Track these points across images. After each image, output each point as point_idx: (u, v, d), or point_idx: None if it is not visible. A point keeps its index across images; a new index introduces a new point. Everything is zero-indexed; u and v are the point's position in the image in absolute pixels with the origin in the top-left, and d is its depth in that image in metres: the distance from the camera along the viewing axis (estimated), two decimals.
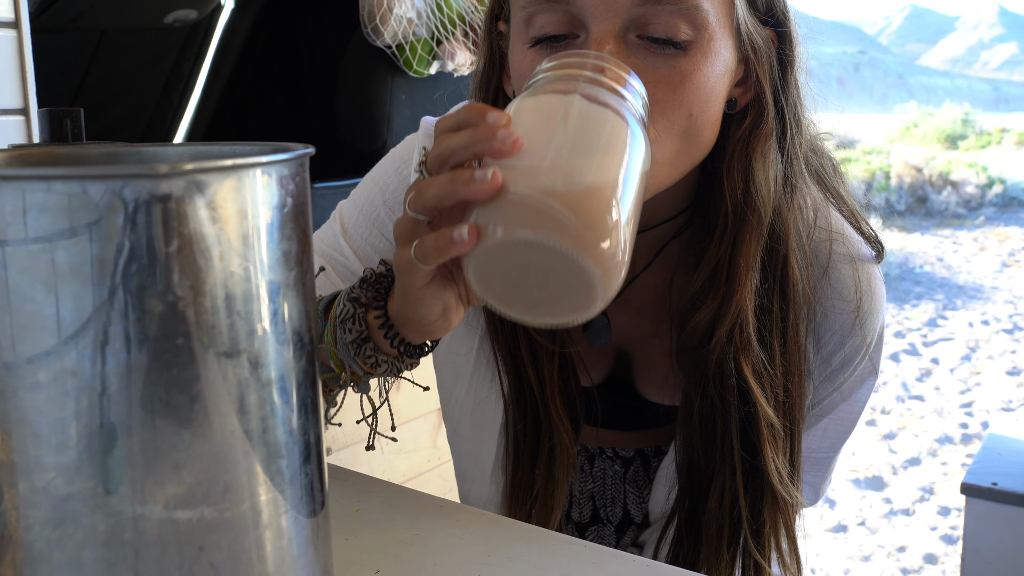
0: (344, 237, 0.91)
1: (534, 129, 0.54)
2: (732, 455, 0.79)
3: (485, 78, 0.83)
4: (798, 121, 0.78)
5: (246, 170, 0.41)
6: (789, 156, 0.78)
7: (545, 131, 0.53)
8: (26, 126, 1.33)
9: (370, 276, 0.69)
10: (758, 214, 0.76)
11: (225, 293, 0.40)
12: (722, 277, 0.77)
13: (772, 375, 0.78)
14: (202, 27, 2.47)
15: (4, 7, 1.30)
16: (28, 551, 0.41)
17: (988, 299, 7.09)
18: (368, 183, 0.93)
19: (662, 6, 0.67)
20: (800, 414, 0.81)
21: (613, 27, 0.68)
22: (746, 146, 0.76)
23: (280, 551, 0.45)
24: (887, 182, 11.04)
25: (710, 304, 0.77)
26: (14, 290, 0.38)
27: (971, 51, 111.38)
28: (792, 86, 0.77)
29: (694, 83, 0.70)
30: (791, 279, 0.78)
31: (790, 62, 0.76)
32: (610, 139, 0.54)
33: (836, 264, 0.81)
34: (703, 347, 0.78)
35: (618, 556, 0.67)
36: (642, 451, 0.91)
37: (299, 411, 0.45)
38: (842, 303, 0.81)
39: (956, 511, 3.49)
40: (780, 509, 0.81)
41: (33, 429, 0.40)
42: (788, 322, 0.79)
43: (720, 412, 0.79)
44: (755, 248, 0.76)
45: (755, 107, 0.76)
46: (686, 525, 0.83)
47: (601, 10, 0.68)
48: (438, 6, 2.04)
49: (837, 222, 0.83)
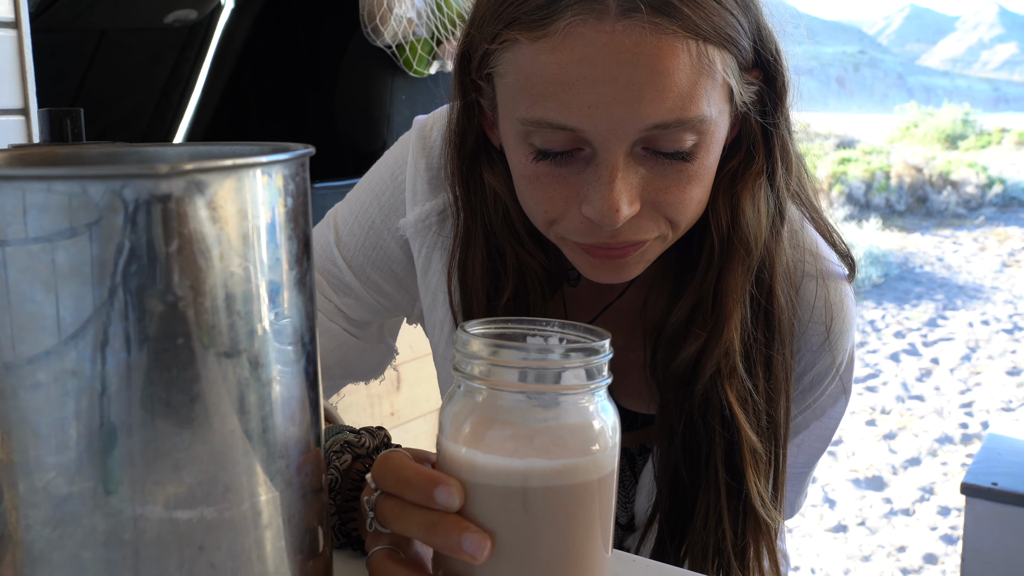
0: (338, 245, 0.90)
1: (493, 519, 0.50)
2: (716, 478, 0.79)
3: (461, 134, 0.79)
4: (788, 156, 0.77)
5: (246, 170, 0.41)
6: (779, 191, 0.77)
7: (507, 521, 0.50)
8: (26, 126, 1.33)
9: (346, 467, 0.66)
10: (747, 246, 0.76)
11: (225, 293, 0.40)
12: (707, 308, 0.77)
13: (756, 402, 0.79)
14: (202, 27, 2.47)
15: (4, 7, 1.30)
16: (28, 551, 0.41)
17: (988, 299, 7.09)
18: (363, 188, 0.92)
19: (670, 128, 0.66)
20: (784, 438, 0.82)
21: (622, 148, 0.67)
22: (733, 184, 0.76)
23: (280, 551, 0.45)
24: (887, 182, 11.04)
25: (697, 336, 0.77)
26: (14, 290, 0.38)
27: (971, 51, 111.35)
28: (782, 123, 0.76)
29: (700, 177, 0.70)
30: (776, 309, 0.79)
31: (781, 99, 0.75)
32: (582, 510, 0.50)
33: (806, 284, 0.82)
34: (689, 378, 0.79)
35: (618, 556, 0.67)
36: (627, 449, 0.91)
37: (299, 411, 0.45)
38: (812, 324, 0.82)
39: (956, 511, 3.49)
40: (763, 532, 0.81)
41: (33, 429, 0.40)
42: (773, 350, 0.79)
43: (704, 438, 0.79)
44: (743, 280, 0.76)
45: (743, 146, 0.76)
46: (671, 541, 0.83)
47: (609, 138, 0.66)
48: (438, 6, 2.04)
49: (811, 239, 0.83)
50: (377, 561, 0.54)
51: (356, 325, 0.94)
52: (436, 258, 0.86)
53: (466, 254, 0.82)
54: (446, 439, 0.51)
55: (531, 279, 0.81)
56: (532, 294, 0.81)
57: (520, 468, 0.48)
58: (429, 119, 0.89)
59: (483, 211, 0.80)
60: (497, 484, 0.49)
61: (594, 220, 0.68)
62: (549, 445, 0.49)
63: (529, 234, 0.79)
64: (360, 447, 0.65)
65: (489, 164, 0.79)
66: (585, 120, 0.65)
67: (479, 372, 0.50)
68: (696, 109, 0.66)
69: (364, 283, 0.91)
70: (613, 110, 0.65)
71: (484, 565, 0.49)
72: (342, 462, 0.64)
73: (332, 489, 0.64)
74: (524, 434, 0.49)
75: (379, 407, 2.10)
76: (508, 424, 0.50)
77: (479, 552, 0.48)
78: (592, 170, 0.68)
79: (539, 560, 0.50)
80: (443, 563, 0.51)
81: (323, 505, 0.49)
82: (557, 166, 0.70)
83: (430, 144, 0.87)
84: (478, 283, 0.81)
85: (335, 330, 0.92)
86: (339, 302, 0.92)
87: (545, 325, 0.54)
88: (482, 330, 0.53)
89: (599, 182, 0.67)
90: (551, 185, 0.70)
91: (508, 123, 0.72)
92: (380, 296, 0.92)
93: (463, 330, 0.51)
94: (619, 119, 0.65)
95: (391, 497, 0.52)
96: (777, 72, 0.73)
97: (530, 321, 0.55)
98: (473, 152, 0.79)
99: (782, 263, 0.79)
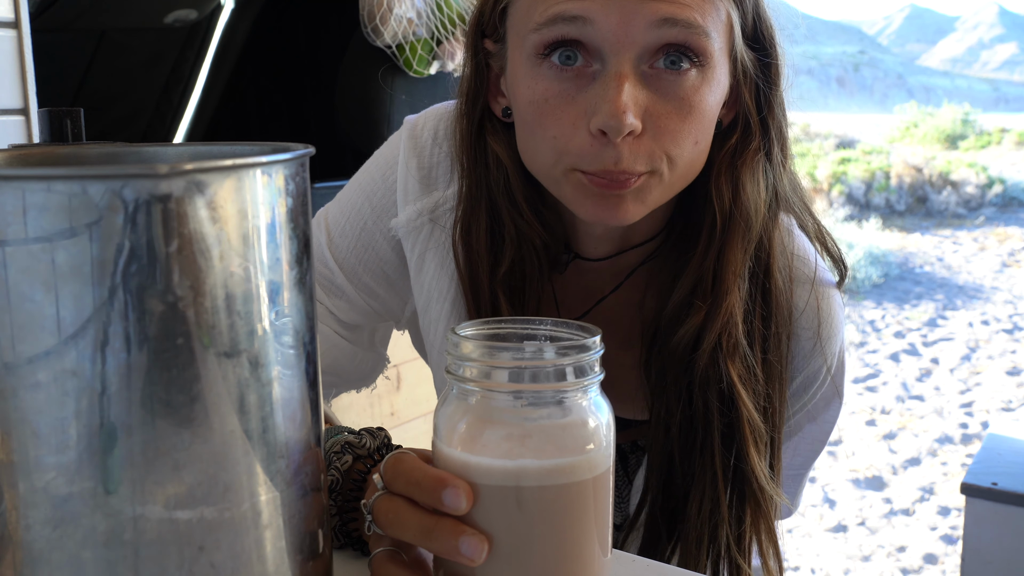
0: (330, 248, 0.91)
1: (489, 520, 0.50)
2: (713, 461, 0.80)
3: (472, 97, 0.83)
4: (783, 139, 0.81)
5: (246, 170, 0.41)
6: (776, 170, 0.80)
7: (503, 522, 0.50)
8: (26, 126, 1.33)
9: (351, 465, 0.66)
10: (748, 221, 0.78)
11: (225, 293, 0.40)
12: (707, 285, 0.78)
13: (755, 380, 0.80)
14: (202, 27, 2.47)
15: (4, 7, 1.30)
16: (28, 551, 0.41)
17: (988, 299, 7.09)
18: (354, 190, 0.92)
19: (677, 28, 0.69)
20: (781, 422, 0.83)
21: (630, 56, 0.70)
22: (733, 160, 0.78)
23: (280, 551, 0.45)
24: (887, 182, 11.04)
25: (697, 312, 0.78)
26: (14, 290, 0.38)
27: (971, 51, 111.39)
28: (778, 106, 0.79)
29: (700, 111, 0.73)
30: (773, 288, 0.80)
31: (776, 83, 0.79)
32: (576, 509, 0.50)
33: (795, 288, 0.83)
34: (690, 355, 0.79)
35: (618, 556, 0.67)
36: (619, 447, 0.91)
37: (299, 411, 0.45)
38: (802, 329, 0.83)
39: (956, 511, 3.49)
40: (763, 513, 0.82)
41: (33, 429, 0.40)
42: (770, 330, 0.81)
43: (703, 419, 0.80)
44: (743, 255, 0.78)
45: (741, 125, 0.79)
46: (666, 532, 0.84)
47: (620, 35, 0.69)
48: (438, 6, 2.04)
49: (800, 245, 0.85)
50: (379, 563, 0.54)
51: (347, 328, 0.94)
52: (430, 257, 0.87)
53: (470, 220, 0.84)
54: (440, 442, 0.51)
55: (527, 250, 0.82)
56: (529, 265, 0.82)
57: (513, 468, 0.49)
58: (420, 118, 0.90)
59: (487, 179, 0.83)
60: (491, 485, 0.49)
61: (601, 128, 0.70)
62: (542, 445, 0.49)
63: (528, 204, 0.81)
64: (361, 448, 0.66)
65: (493, 132, 0.82)
66: (598, 9, 0.69)
67: (471, 374, 0.50)
68: (703, 19, 0.70)
69: (355, 285, 0.91)
70: (625, 2, 0.69)
71: (483, 566, 0.49)
72: (343, 463, 0.65)
73: (333, 490, 0.64)
74: (517, 434, 0.49)
75: (379, 407, 2.10)
76: (501, 425, 0.50)
77: (477, 555, 0.49)
78: (600, 83, 0.71)
79: (537, 560, 0.50)
80: (444, 564, 0.51)
81: (323, 505, 0.49)
82: (565, 82, 0.72)
83: (421, 143, 0.88)
84: (482, 250, 0.83)
85: (326, 332, 0.93)
86: (330, 304, 0.92)
87: (538, 324, 0.54)
88: (473, 332, 0.53)
89: (607, 90, 0.70)
90: (559, 107, 0.72)
91: (519, 52, 0.75)
92: (370, 298, 0.92)
93: (453, 332, 0.52)
94: (630, 9, 0.69)
95: (389, 500, 0.53)
96: (772, 54, 0.77)
97: (523, 321, 0.55)
98: (480, 120, 0.82)
99: (778, 242, 0.81)
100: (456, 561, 0.50)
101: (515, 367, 0.50)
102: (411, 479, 0.52)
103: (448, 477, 0.50)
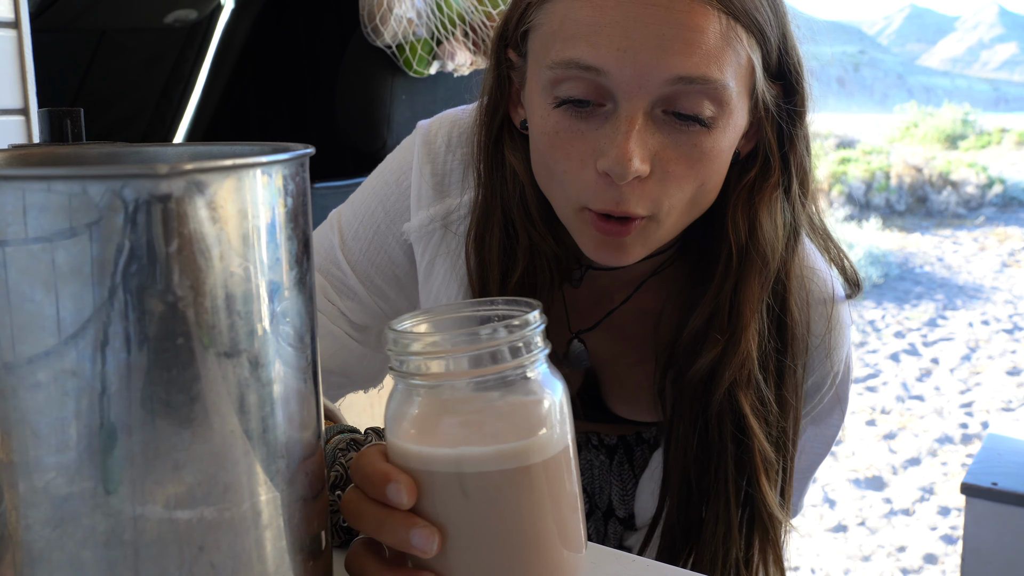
0: (342, 250, 0.91)
1: (438, 509, 0.49)
2: (727, 488, 0.81)
3: (492, 107, 0.82)
4: (804, 174, 0.79)
5: (246, 170, 0.41)
6: (794, 206, 0.79)
7: (451, 510, 0.49)
8: (26, 126, 1.33)
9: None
10: (764, 258, 0.77)
11: (225, 293, 0.40)
12: (723, 319, 0.78)
13: (768, 412, 0.80)
14: (202, 27, 2.47)
15: (4, 7, 1.30)
16: (28, 551, 0.41)
17: (988, 299, 7.09)
18: (368, 192, 0.92)
19: (693, 85, 0.68)
20: (793, 448, 0.83)
21: (643, 103, 0.69)
22: (751, 195, 0.77)
23: (280, 551, 0.45)
24: (887, 182, 11.04)
25: (714, 345, 0.78)
26: (14, 290, 0.38)
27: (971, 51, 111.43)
28: (800, 140, 0.78)
29: (711, 158, 0.72)
30: (790, 321, 0.80)
31: (800, 116, 0.77)
32: (524, 494, 0.49)
33: (811, 311, 0.83)
34: (705, 387, 0.80)
35: (618, 556, 0.67)
36: (624, 438, 0.92)
37: (299, 411, 0.45)
38: (810, 337, 0.83)
39: (956, 511, 3.49)
40: (771, 540, 0.83)
41: (33, 429, 0.40)
42: (785, 363, 0.81)
43: (716, 448, 0.81)
44: (759, 291, 0.78)
45: (760, 157, 0.78)
46: (679, 549, 0.84)
47: (633, 87, 0.68)
48: (438, 6, 2.04)
49: (809, 255, 0.84)
50: (353, 553, 0.54)
51: (357, 329, 0.94)
52: (439, 263, 0.87)
53: (483, 229, 0.84)
54: (390, 435, 0.51)
55: (540, 262, 0.82)
56: (540, 276, 0.83)
57: (453, 456, 0.48)
58: (433, 124, 0.90)
59: (503, 190, 0.83)
60: (436, 472, 0.49)
61: (606, 171, 0.69)
62: (486, 430, 0.48)
63: (542, 217, 0.81)
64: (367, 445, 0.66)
65: (511, 144, 0.82)
66: (612, 62, 0.68)
67: (411, 368, 0.49)
68: (720, 73, 0.68)
69: (367, 287, 0.91)
70: (640, 55, 0.67)
71: (440, 556, 0.49)
72: (348, 459, 0.65)
73: (337, 486, 0.64)
74: (460, 421, 0.49)
75: (379, 407, 2.10)
76: (445, 414, 0.49)
77: (428, 547, 0.48)
78: (611, 125, 0.70)
79: (492, 550, 0.49)
80: (410, 555, 0.51)
81: (324, 505, 0.49)
82: (577, 120, 0.71)
83: (435, 149, 0.88)
84: (494, 259, 0.83)
85: (337, 333, 0.93)
86: (342, 305, 0.92)
87: (475, 307, 0.53)
88: (410, 324, 0.52)
89: (616, 134, 0.69)
90: (569, 141, 0.72)
91: (536, 80, 0.74)
92: (382, 300, 0.92)
93: (390, 328, 0.51)
94: (645, 65, 0.67)
95: (352, 493, 0.53)
96: (799, 85, 0.75)
97: (456, 306, 0.55)
98: (498, 131, 0.82)
99: (796, 276, 0.81)
100: (409, 552, 0.50)
101: (449, 354, 0.49)
102: (363, 474, 0.52)
103: (391, 472, 0.50)
